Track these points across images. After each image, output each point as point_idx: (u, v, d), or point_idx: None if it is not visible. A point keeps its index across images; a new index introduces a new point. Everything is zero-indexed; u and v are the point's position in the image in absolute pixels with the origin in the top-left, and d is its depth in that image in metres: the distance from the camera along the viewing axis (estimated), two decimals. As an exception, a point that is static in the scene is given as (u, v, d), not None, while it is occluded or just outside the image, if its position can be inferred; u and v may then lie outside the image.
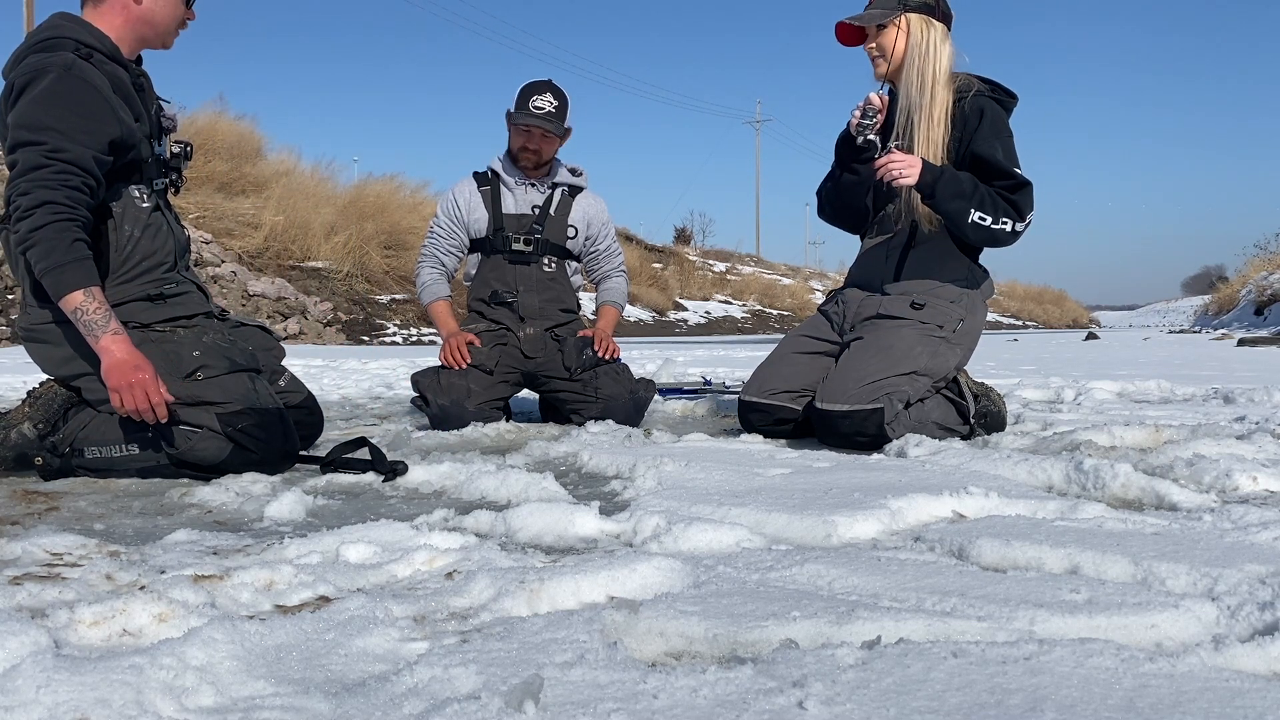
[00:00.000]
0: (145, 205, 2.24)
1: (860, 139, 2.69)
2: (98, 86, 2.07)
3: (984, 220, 2.61)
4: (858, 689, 0.85)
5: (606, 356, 3.20)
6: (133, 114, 2.18)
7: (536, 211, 3.29)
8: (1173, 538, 1.41)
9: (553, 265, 3.31)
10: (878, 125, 2.68)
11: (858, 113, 2.69)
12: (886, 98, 2.71)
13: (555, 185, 3.34)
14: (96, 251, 2.10)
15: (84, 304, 1.99)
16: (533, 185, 3.31)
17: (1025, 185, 2.65)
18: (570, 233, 3.33)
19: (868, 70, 2.83)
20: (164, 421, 2.05)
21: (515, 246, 3.26)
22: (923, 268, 2.78)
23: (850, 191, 2.85)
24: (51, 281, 1.98)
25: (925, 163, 2.62)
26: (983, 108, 2.69)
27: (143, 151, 2.22)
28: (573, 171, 3.40)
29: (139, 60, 2.29)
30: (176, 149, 2.35)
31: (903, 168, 2.59)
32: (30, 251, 1.98)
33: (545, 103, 3.16)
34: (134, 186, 2.22)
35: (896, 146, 2.70)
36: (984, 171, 2.67)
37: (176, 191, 2.38)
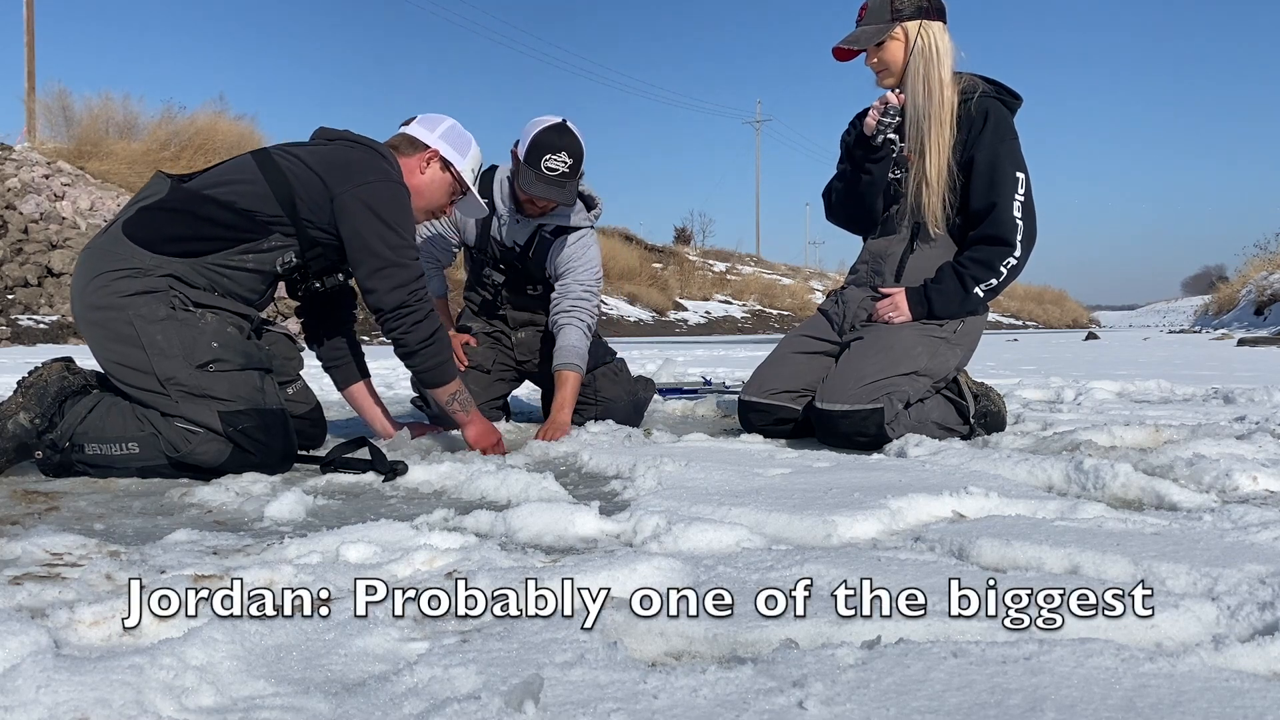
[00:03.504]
0: (276, 268, 2.36)
1: (880, 138, 2.66)
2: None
3: (989, 286, 2.70)
4: (858, 689, 0.84)
5: (549, 439, 2.71)
6: None
7: (517, 248, 3.08)
8: (1173, 538, 1.41)
9: (539, 289, 3.17)
10: (897, 124, 2.66)
11: (876, 112, 2.66)
12: (904, 96, 2.69)
13: (541, 226, 3.05)
14: (211, 229, 2.24)
15: (458, 390, 2.48)
16: (518, 222, 3.06)
17: (1028, 214, 2.69)
18: (547, 271, 3.11)
19: (869, 71, 2.82)
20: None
21: (494, 278, 3.14)
22: (924, 269, 2.78)
23: (864, 193, 2.82)
24: (438, 374, 2.45)
25: (909, 293, 2.72)
26: (988, 109, 2.69)
27: (331, 255, 2.42)
28: (583, 197, 3.09)
29: None
30: (340, 277, 2.53)
31: (892, 312, 2.73)
32: (427, 350, 2.41)
33: (559, 163, 2.83)
34: (292, 250, 2.35)
35: (904, 147, 2.70)
36: (973, 194, 2.71)
37: (292, 292, 2.53)
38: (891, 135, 2.65)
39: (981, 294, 2.70)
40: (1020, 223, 2.67)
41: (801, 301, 32.88)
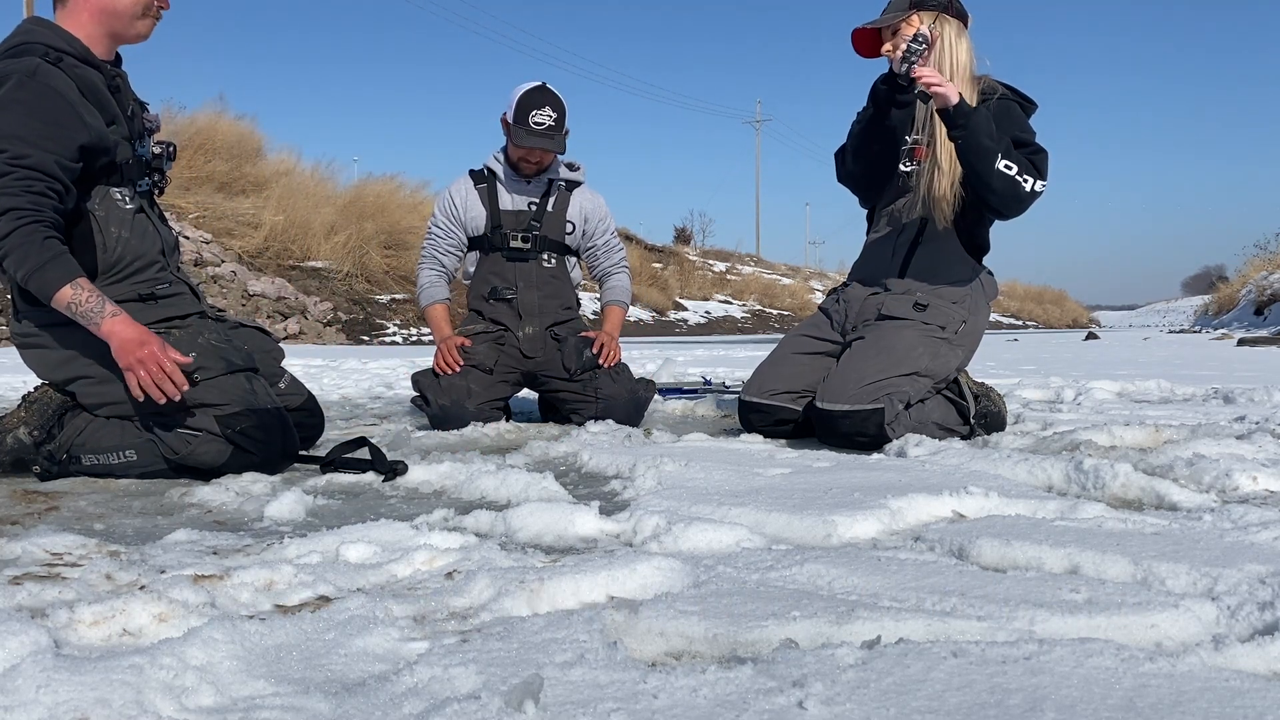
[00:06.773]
0: (129, 207, 2.21)
1: (904, 67, 2.56)
2: (61, 91, 2.03)
3: (1009, 170, 2.55)
4: (858, 689, 0.85)
5: (606, 364, 3.17)
6: (107, 116, 2.14)
7: (534, 208, 3.29)
8: (1173, 538, 1.41)
9: (552, 261, 3.31)
10: (925, 56, 2.59)
11: (903, 41, 2.58)
12: (939, 32, 2.65)
13: (552, 181, 3.34)
14: (82, 256, 2.09)
15: (75, 296, 1.97)
16: (528, 182, 3.31)
17: (1043, 151, 2.65)
18: (568, 228, 3.33)
19: (869, 68, 2.82)
20: (183, 391, 2.01)
21: (513, 244, 3.27)
22: (928, 266, 2.77)
23: (881, 139, 2.74)
24: (37, 284, 1.96)
25: (964, 97, 2.56)
26: (1009, 109, 2.69)
27: (121, 153, 2.18)
28: (570, 167, 3.39)
29: (118, 60, 2.25)
30: (158, 149, 2.31)
31: (943, 82, 2.53)
32: (6, 261, 1.95)
33: (545, 117, 3.12)
34: (115, 190, 2.18)
35: (916, 142, 2.68)
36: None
37: (160, 193, 2.35)
38: (914, 62, 2.55)
39: (1000, 169, 2.55)
40: (1046, 176, 2.62)
41: (801, 301, 32.88)
